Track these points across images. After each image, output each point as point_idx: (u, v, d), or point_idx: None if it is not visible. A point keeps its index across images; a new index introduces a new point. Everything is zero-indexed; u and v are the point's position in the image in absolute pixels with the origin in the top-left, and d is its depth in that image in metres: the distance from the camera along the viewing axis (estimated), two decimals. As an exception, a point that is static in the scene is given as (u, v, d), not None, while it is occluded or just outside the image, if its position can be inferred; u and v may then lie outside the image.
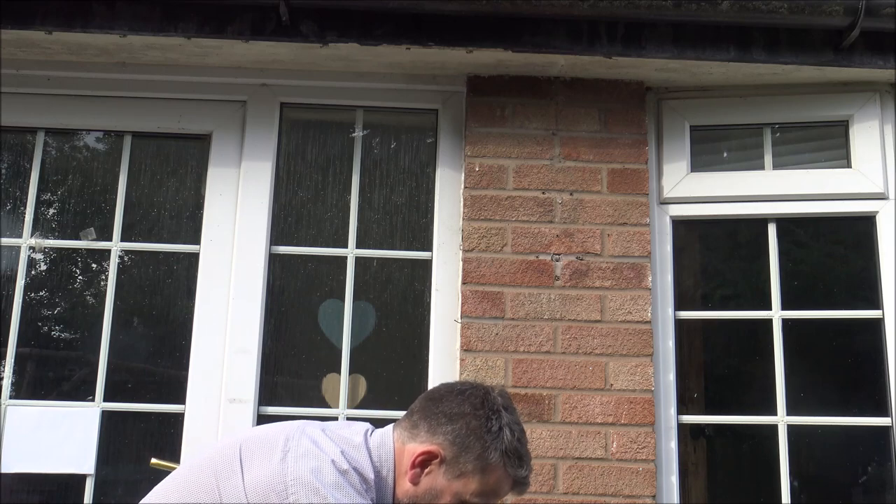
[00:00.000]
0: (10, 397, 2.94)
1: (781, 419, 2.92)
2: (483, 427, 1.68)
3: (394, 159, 3.24)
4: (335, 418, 2.95)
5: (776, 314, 3.01)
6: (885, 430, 2.91)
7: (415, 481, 1.68)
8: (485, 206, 2.99)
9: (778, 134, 3.19)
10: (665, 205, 3.09)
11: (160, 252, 3.12)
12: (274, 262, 3.05)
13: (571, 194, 3.01)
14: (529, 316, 2.89)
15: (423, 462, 1.68)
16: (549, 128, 3.06)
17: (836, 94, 3.12)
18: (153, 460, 2.72)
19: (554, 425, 2.81)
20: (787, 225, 3.12)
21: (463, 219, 2.99)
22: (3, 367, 2.97)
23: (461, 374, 2.84)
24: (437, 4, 2.87)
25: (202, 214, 3.06)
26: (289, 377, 3.12)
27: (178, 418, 2.91)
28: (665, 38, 2.95)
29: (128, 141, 3.17)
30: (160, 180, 3.22)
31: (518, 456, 1.68)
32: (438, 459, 1.68)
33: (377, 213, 3.18)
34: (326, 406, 3.01)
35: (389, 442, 1.73)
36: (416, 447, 1.69)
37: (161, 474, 2.07)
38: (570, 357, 2.87)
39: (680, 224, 3.11)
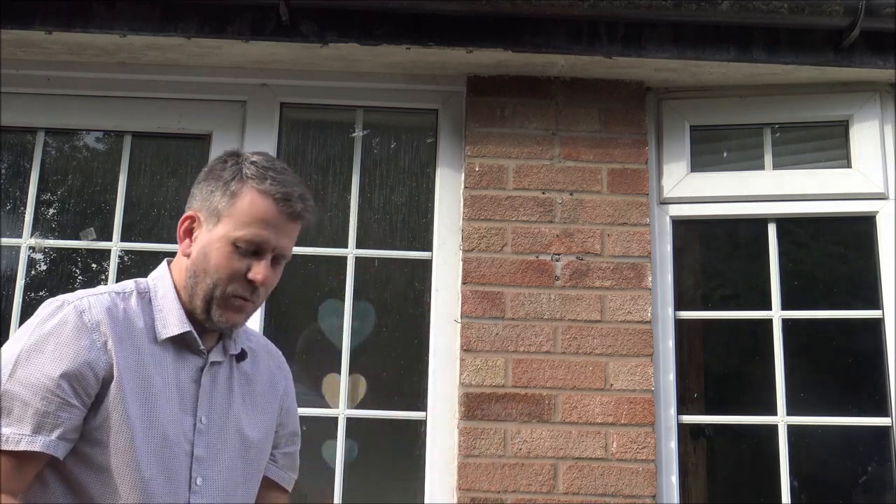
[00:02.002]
0: (10, 397, 2.94)
1: (781, 419, 2.91)
2: (221, 170, 1.65)
3: (394, 159, 3.24)
4: (335, 419, 2.95)
5: (776, 314, 3.01)
6: (885, 430, 2.91)
7: (187, 252, 1.65)
8: (485, 206, 2.99)
9: (778, 134, 3.19)
10: (665, 205, 3.09)
11: (160, 252, 3.11)
12: (274, 262, 3.05)
13: (571, 194, 3.01)
14: (529, 316, 2.89)
15: (188, 229, 1.66)
16: (549, 128, 3.06)
17: (836, 94, 3.12)
18: None
19: (554, 425, 2.81)
20: (787, 225, 3.12)
21: (463, 219, 2.99)
22: (3, 367, 2.96)
23: (461, 373, 2.84)
24: (437, 4, 2.87)
25: (202, 214, 3.06)
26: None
27: (178, 418, 2.91)
28: (665, 38, 2.95)
29: (128, 141, 3.17)
30: (160, 180, 3.22)
31: (262, 175, 1.62)
32: (197, 221, 1.65)
33: (377, 213, 3.18)
34: (326, 406, 3.01)
35: (164, 262, 1.72)
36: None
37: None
38: (570, 357, 2.87)
39: (680, 224, 3.11)
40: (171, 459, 1.57)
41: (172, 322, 1.63)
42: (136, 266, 3.14)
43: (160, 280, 1.68)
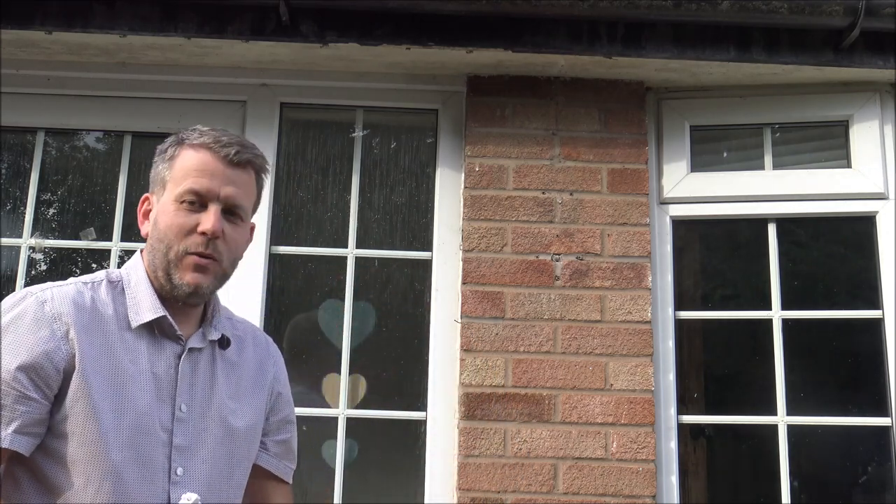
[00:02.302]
0: (10, 397, 2.94)
1: (781, 419, 2.92)
2: (163, 145, 1.68)
3: (394, 159, 3.24)
4: (335, 419, 2.95)
5: (776, 314, 3.01)
6: (885, 430, 2.91)
7: (146, 232, 1.66)
8: (485, 206, 2.99)
9: (778, 134, 3.19)
10: (665, 205, 3.09)
11: (160, 252, 3.12)
12: (274, 262, 3.05)
13: (571, 194, 3.01)
14: (529, 316, 2.89)
15: (145, 212, 1.67)
16: (549, 128, 3.06)
17: (836, 94, 3.12)
18: None
19: (554, 425, 2.81)
20: (787, 225, 3.12)
21: (463, 219, 2.99)
22: (3, 367, 2.96)
23: (461, 373, 2.84)
24: (437, 4, 2.87)
25: (202, 214, 3.06)
26: (289, 377, 3.11)
27: (178, 418, 2.91)
28: (665, 38, 2.95)
29: (128, 141, 3.17)
30: (160, 180, 3.21)
31: (196, 134, 1.63)
32: (149, 201, 1.67)
33: (377, 213, 3.18)
34: (326, 406, 3.01)
35: (137, 252, 1.71)
36: None
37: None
38: (570, 357, 2.87)
39: (680, 224, 3.11)
40: (146, 448, 1.51)
41: (145, 308, 1.59)
42: (136, 266, 3.14)
43: (133, 269, 1.65)
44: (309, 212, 3.20)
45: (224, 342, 1.69)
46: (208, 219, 1.58)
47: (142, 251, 1.68)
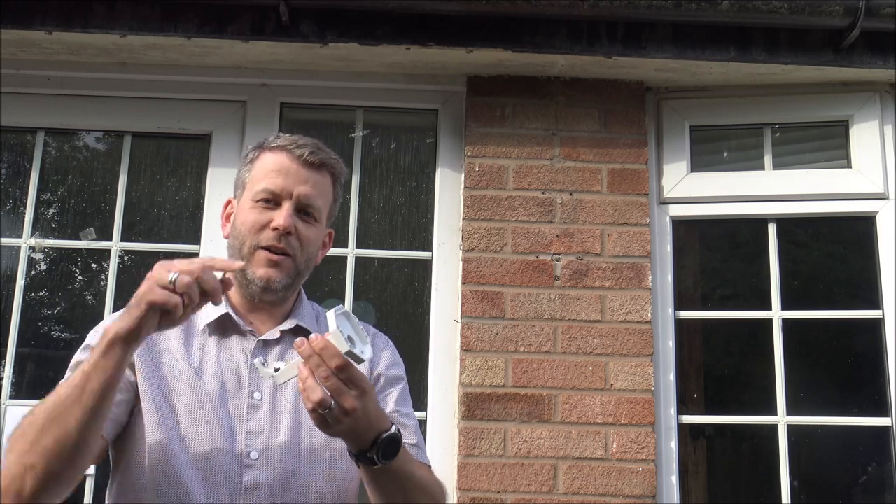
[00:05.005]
0: (10, 397, 2.94)
1: (781, 419, 2.92)
2: (246, 152, 1.78)
3: (394, 159, 3.24)
4: (335, 418, 2.94)
5: (776, 314, 3.01)
6: (885, 430, 2.91)
7: (227, 234, 1.74)
8: (485, 206, 2.99)
9: (778, 134, 3.19)
10: (665, 205, 3.09)
11: (160, 252, 3.12)
12: (274, 262, 3.04)
13: (571, 194, 3.01)
14: (529, 316, 2.89)
15: (227, 215, 1.77)
16: (549, 128, 3.06)
17: (836, 94, 3.12)
18: None
19: (554, 425, 2.81)
20: (787, 225, 3.12)
21: (463, 219, 2.99)
22: (3, 367, 2.97)
23: (461, 373, 2.84)
24: (437, 4, 2.87)
25: (202, 214, 3.06)
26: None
27: (178, 418, 2.90)
28: (665, 38, 2.95)
29: (128, 141, 3.17)
30: (160, 180, 3.22)
31: (275, 138, 1.73)
32: (231, 204, 1.77)
33: (377, 213, 3.18)
34: (326, 406, 3.01)
35: None
36: None
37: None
38: (570, 357, 2.87)
39: (680, 224, 3.11)
40: (213, 437, 1.58)
41: (212, 311, 1.67)
42: (136, 266, 3.14)
43: None
44: (309, 212, 3.19)
45: (302, 333, 1.72)
46: (280, 215, 1.65)
47: None
